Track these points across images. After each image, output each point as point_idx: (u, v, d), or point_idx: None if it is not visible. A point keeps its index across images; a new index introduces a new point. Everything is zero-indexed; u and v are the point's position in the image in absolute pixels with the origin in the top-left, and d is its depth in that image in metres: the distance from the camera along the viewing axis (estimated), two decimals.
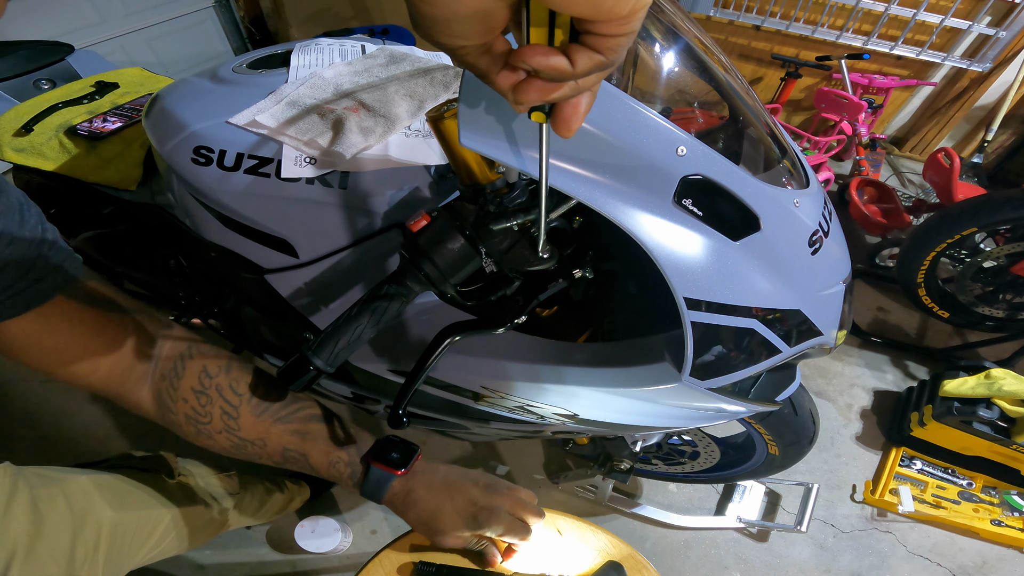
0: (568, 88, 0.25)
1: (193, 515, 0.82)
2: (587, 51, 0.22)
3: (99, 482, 0.69)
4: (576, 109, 0.26)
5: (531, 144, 0.38)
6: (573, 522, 0.72)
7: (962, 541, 1.36)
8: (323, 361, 0.43)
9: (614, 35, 0.22)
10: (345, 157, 0.57)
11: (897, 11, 2.20)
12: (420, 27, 0.22)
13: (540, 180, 0.35)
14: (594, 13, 0.20)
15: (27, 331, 0.44)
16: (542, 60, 0.23)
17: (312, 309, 0.66)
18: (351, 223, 0.61)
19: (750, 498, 1.35)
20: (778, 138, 0.58)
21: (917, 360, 1.75)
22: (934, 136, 2.60)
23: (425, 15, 0.21)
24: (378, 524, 1.29)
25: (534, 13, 0.22)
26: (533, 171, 0.38)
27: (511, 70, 0.24)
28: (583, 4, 0.19)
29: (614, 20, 0.21)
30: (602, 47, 0.22)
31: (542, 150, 0.33)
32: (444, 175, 0.62)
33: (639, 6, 0.20)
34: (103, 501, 0.67)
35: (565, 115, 0.27)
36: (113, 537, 0.67)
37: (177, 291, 0.95)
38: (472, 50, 0.23)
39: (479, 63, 0.24)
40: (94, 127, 0.85)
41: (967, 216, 1.45)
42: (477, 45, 0.23)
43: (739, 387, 0.64)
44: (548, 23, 0.22)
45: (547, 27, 0.22)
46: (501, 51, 0.24)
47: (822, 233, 0.53)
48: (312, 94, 0.66)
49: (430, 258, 0.44)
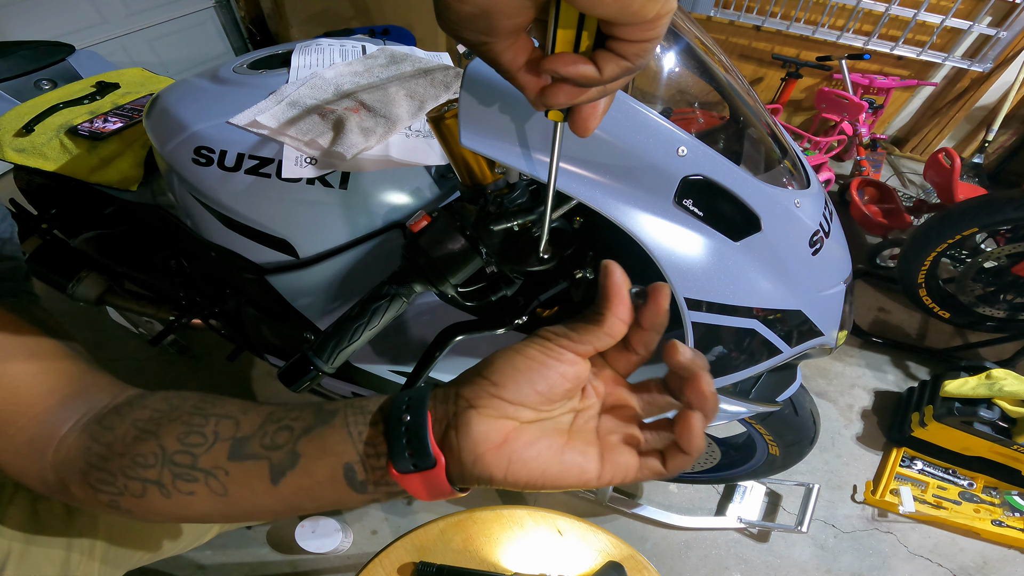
0: (594, 92, 0.25)
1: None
2: (614, 57, 0.23)
3: None
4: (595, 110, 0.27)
5: (532, 145, 0.38)
6: (574, 522, 0.72)
7: (963, 541, 1.35)
8: (324, 361, 0.43)
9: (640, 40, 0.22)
10: (346, 157, 0.57)
11: (898, 11, 2.19)
12: (447, 22, 0.22)
13: (549, 178, 0.35)
14: (621, 15, 0.20)
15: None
16: (572, 69, 0.23)
17: (313, 309, 0.66)
18: (352, 223, 0.61)
19: (751, 498, 1.35)
20: (779, 138, 0.58)
21: (918, 360, 1.75)
22: (935, 136, 2.60)
23: (453, 10, 0.21)
24: (378, 524, 1.29)
25: (563, 15, 0.22)
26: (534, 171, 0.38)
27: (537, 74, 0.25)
28: (611, 6, 0.20)
29: (640, 24, 0.21)
30: (628, 52, 0.23)
31: (554, 148, 0.33)
32: (444, 175, 0.62)
33: (665, 10, 0.21)
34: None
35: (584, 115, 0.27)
36: (109, 539, 0.66)
37: (178, 291, 0.95)
38: (497, 46, 0.24)
39: (503, 59, 0.25)
40: (95, 127, 0.85)
41: (968, 216, 1.44)
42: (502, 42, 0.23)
43: (740, 387, 0.64)
44: (576, 26, 0.23)
45: (575, 29, 0.23)
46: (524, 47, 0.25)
47: (823, 233, 0.53)
48: (313, 94, 0.66)
49: (430, 258, 0.44)
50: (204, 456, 0.34)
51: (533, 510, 0.74)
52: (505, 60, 0.25)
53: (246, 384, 1.55)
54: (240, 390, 1.53)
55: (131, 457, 0.35)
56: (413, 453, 0.28)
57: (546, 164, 0.41)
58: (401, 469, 0.28)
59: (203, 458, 0.34)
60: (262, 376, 1.56)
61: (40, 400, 0.38)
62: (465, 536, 0.71)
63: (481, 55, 0.25)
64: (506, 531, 0.72)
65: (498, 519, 0.73)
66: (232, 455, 0.33)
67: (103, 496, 0.36)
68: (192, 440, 0.34)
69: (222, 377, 1.55)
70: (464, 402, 0.28)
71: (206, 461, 0.34)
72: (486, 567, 0.69)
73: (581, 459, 0.28)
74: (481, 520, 0.73)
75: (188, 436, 0.34)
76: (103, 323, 1.61)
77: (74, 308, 1.36)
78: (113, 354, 1.57)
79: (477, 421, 0.27)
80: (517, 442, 0.27)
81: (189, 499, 0.34)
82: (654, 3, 0.20)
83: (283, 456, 0.32)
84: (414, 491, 0.29)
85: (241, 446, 0.33)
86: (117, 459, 0.35)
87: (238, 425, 0.34)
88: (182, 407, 0.37)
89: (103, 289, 0.99)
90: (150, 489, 0.34)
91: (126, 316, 1.45)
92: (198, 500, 0.34)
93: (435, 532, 0.71)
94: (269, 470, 0.32)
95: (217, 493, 0.34)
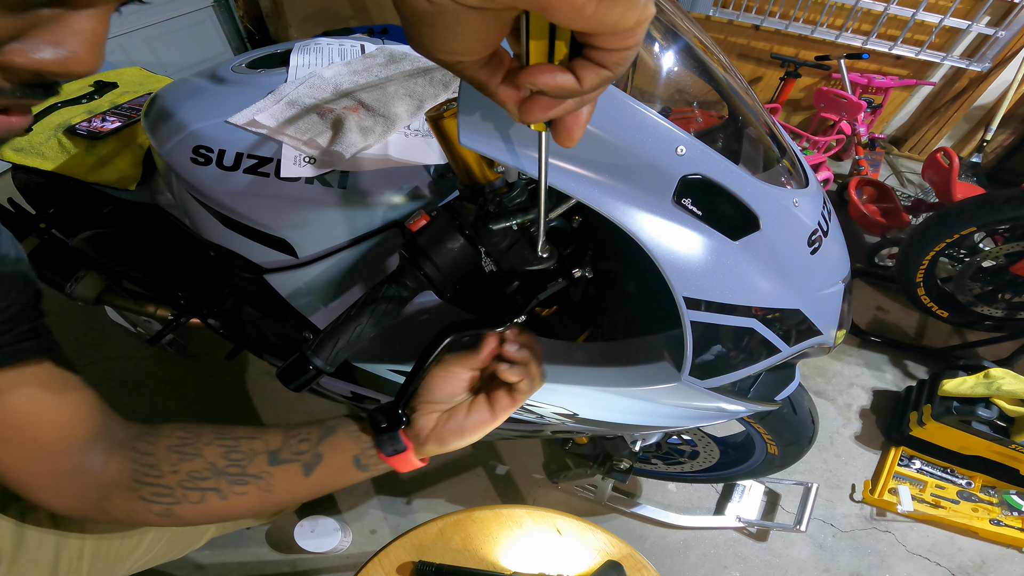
0: (573, 103, 0.24)
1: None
2: (592, 66, 0.22)
3: None
4: (578, 119, 0.26)
5: (531, 144, 0.38)
6: (573, 521, 0.72)
7: (961, 540, 1.36)
8: (322, 361, 0.43)
9: (619, 48, 0.21)
10: (344, 156, 0.57)
11: (896, 11, 2.20)
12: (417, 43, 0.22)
13: (539, 185, 0.35)
14: (598, 27, 0.19)
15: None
16: (549, 80, 0.22)
17: (312, 309, 0.66)
18: (350, 223, 0.61)
19: (749, 498, 1.35)
20: (777, 138, 0.58)
21: (916, 359, 1.76)
22: (933, 136, 2.60)
23: (423, 32, 0.21)
24: (378, 524, 1.29)
25: (533, 26, 0.21)
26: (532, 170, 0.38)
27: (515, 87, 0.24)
28: (588, 20, 0.19)
29: (618, 33, 0.20)
30: (606, 61, 0.22)
31: (542, 157, 0.33)
32: (444, 175, 0.62)
33: (643, 18, 0.20)
34: None
35: (567, 125, 0.26)
36: (98, 547, 0.66)
37: (176, 291, 0.95)
38: (471, 64, 0.23)
39: (479, 75, 0.24)
40: (93, 126, 0.85)
41: (966, 216, 1.45)
42: (476, 59, 0.23)
43: (739, 386, 0.64)
44: (548, 37, 0.22)
45: (547, 40, 0.22)
46: (500, 61, 0.24)
47: (821, 232, 0.53)
48: (311, 93, 0.66)
49: (430, 258, 0.44)
50: (250, 466, 0.46)
51: (532, 509, 0.74)
52: (482, 76, 0.24)
53: (245, 383, 1.55)
54: (239, 389, 1.53)
55: (186, 473, 0.45)
56: (393, 444, 0.45)
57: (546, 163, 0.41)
58: (388, 453, 0.46)
59: (249, 467, 0.46)
60: (261, 375, 1.56)
61: (85, 433, 0.46)
62: (464, 535, 0.72)
63: (457, 73, 0.24)
64: (505, 530, 0.72)
65: (497, 518, 0.73)
66: (271, 462, 0.47)
67: (156, 507, 0.46)
68: (235, 456, 0.46)
69: (220, 376, 1.55)
70: (409, 410, 0.46)
71: (252, 469, 0.46)
72: (485, 566, 0.70)
73: (479, 415, 0.45)
74: (480, 519, 0.73)
75: (231, 454, 0.46)
76: (101, 322, 1.60)
77: (72, 307, 1.36)
78: (111, 354, 1.57)
79: (416, 419, 0.46)
80: (443, 424, 0.45)
81: (242, 498, 0.46)
82: (633, 11, 0.19)
83: (310, 457, 0.47)
84: (396, 465, 0.47)
85: (276, 455, 0.47)
86: (170, 476, 0.45)
87: (266, 442, 0.47)
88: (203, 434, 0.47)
89: (101, 288, 0.99)
90: (209, 495, 0.46)
91: (124, 315, 1.44)
92: (249, 498, 0.46)
93: (434, 531, 0.71)
94: (302, 468, 0.46)
95: (264, 491, 0.46)
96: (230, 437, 0.47)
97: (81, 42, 0.22)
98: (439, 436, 0.45)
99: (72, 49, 0.22)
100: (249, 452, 0.47)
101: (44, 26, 0.21)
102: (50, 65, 0.22)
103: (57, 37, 0.22)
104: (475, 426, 0.45)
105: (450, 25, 0.20)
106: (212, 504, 0.46)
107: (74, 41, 0.22)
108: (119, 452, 0.47)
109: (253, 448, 0.47)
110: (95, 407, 0.48)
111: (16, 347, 0.41)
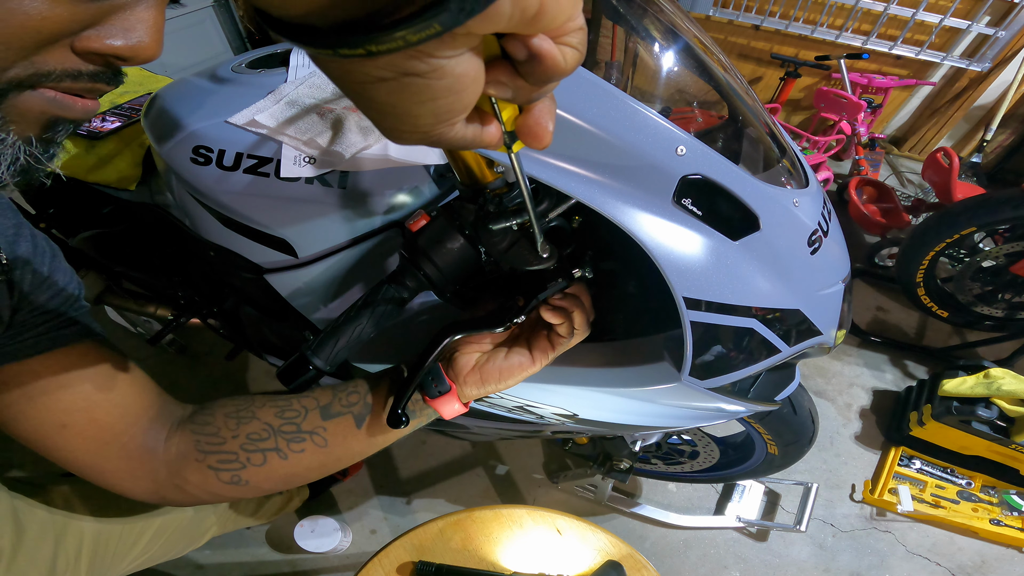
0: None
1: (182, 522, 0.81)
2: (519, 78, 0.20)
3: (83, 491, 0.68)
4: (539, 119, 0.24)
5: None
6: (573, 521, 0.72)
7: (961, 540, 1.36)
8: (322, 361, 0.43)
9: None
10: (344, 156, 0.57)
11: (896, 11, 2.20)
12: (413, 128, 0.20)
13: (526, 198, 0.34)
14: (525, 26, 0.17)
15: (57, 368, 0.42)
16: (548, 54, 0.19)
17: (311, 309, 0.66)
18: (350, 223, 0.61)
19: (749, 498, 1.35)
20: (777, 138, 0.58)
21: (916, 359, 1.75)
22: (933, 136, 2.60)
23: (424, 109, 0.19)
24: (378, 524, 1.29)
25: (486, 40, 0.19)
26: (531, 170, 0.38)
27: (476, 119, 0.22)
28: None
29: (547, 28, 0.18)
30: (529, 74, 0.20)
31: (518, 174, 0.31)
32: (444, 175, 0.62)
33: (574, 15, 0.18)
34: (86, 509, 0.67)
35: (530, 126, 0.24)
36: (96, 546, 0.67)
37: (176, 291, 0.95)
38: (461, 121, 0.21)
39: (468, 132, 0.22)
40: (93, 126, 0.85)
41: (966, 216, 1.45)
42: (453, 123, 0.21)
43: (738, 387, 0.64)
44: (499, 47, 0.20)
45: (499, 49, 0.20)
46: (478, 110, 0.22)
47: (821, 233, 0.53)
48: (311, 93, 0.66)
49: (429, 258, 0.44)
50: (304, 423, 0.48)
51: (532, 509, 0.74)
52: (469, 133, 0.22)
53: (245, 383, 1.55)
54: (239, 389, 1.53)
55: (245, 435, 0.47)
56: (437, 385, 0.46)
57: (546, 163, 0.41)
58: (432, 395, 0.46)
59: (303, 424, 0.48)
60: (260, 375, 1.56)
61: (144, 412, 0.47)
62: (464, 535, 0.71)
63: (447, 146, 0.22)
64: (505, 530, 0.72)
65: (497, 518, 0.73)
66: (324, 416, 0.48)
67: (224, 475, 0.47)
68: (289, 415, 0.48)
69: (220, 376, 1.55)
70: (450, 351, 0.48)
71: (307, 425, 0.48)
72: (485, 566, 0.70)
73: (518, 357, 0.47)
74: (480, 519, 0.73)
75: (284, 412, 0.48)
76: (101, 323, 1.59)
77: None
78: None
79: (457, 358, 0.48)
80: (483, 364, 0.47)
81: (301, 456, 0.47)
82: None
83: (360, 408, 0.49)
84: (440, 409, 0.47)
85: (327, 409, 0.48)
86: (231, 441, 0.47)
87: (316, 399, 0.49)
88: (255, 399, 0.49)
89: (101, 288, 0.99)
90: (270, 456, 0.47)
91: (124, 315, 1.44)
92: (307, 456, 0.48)
93: (434, 531, 0.71)
94: (354, 419, 0.48)
95: (320, 446, 0.48)
96: (282, 398, 0.49)
97: (146, 29, 0.25)
98: (480, 377, 0.47)
99: (139, 36, 0.25)
100: (301, 409, 0.48)
101: (115, 15, 0.24)
102: (122, 51, 0.24)
103: (127, 24, 0.24)
104: (514, 368, 0.46)
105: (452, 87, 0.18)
106: (274, 465, 0.47)
107: (141, 28, 0.25)
108: (180, 428, 0.48)
109: (305, 405, 0.48)
110: (149, 386, 0.49)
111: (61, 332, 0.43)
